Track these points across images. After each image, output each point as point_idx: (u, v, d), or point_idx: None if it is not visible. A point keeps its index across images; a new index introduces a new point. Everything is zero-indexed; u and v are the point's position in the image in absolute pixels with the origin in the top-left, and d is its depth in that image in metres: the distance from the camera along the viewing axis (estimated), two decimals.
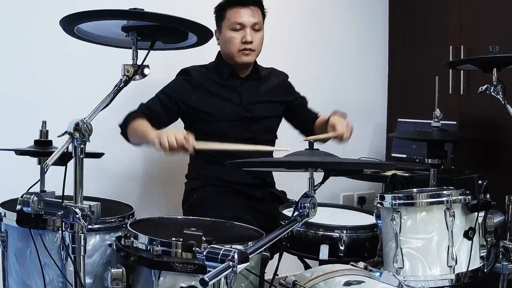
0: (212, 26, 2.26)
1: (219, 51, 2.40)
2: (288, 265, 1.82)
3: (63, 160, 1.35)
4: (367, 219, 2.01)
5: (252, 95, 2.37)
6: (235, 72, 2.36)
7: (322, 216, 1.72)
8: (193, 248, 1.38)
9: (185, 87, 2.29)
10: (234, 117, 2.32)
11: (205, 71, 2.36)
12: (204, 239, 1.40)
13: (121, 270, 1.46)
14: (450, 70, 3.06)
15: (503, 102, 2.07)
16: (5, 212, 1.65)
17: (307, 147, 1.53)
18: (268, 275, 1.54)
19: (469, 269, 1.72)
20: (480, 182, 1.77)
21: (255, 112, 2.36)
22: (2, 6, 2.35)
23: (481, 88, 2.12)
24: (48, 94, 2.45)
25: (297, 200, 1.43)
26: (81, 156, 1.35)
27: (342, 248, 1.84)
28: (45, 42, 2.42)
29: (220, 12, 2.33)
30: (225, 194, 2.27)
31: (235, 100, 2.33)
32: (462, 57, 3.04)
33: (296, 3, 3.26)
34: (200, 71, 2.35)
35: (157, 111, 2.24)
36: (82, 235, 1.34)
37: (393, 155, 3.30)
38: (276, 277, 1.48)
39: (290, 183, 2.37)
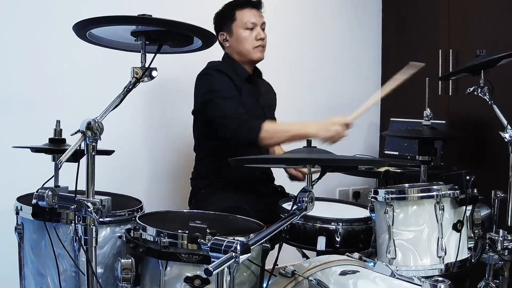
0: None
1: (225, 54, 2.36)
2: (287, 255, 1.82)
3: (76, 157, 1.35)
4: (361, 213, 2.01)
5: (263, 98, 2.36)
6: (250, 75, 2.33)
7: (319, 210, 1.72)
8: (198, 240, 1.38)
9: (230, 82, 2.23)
10: (256, 118, 2.23)
11: (226, 71, 2.27)
12: (209, 231, 1.41)
13: (130, 260, 1.47)
14: (440, 72, 3.06)
15: (489, 102, 2.07)
16: (21, 206, 1.66)
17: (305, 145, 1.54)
18: (269, 265, 1.54)
19: (458, 259, 1.72)
20: (468, 177, 1.77)
21: (267, 114, 2.35)
22: (18, 12, 2.35)
23: (469, 90, 2.12)
24: (62, 95, 2.45)
25: (296, 195, 1.43)
26: (93, 153, 1.34)
27: (338, 239, 1.85)
28: (59, 47, 2.42)
29: (227, 15, 2.29)
30: (231, 189, 2.25)
31: (254, 102, 2.30)
32: (451, 60, 3.04)
33: (293, 6, 3.26)
34: (225, 69, 2.26)
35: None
36: (94, 227, 1.34)
37: (386, 152, 3.30)
38: (276, 267, 1.48)
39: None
